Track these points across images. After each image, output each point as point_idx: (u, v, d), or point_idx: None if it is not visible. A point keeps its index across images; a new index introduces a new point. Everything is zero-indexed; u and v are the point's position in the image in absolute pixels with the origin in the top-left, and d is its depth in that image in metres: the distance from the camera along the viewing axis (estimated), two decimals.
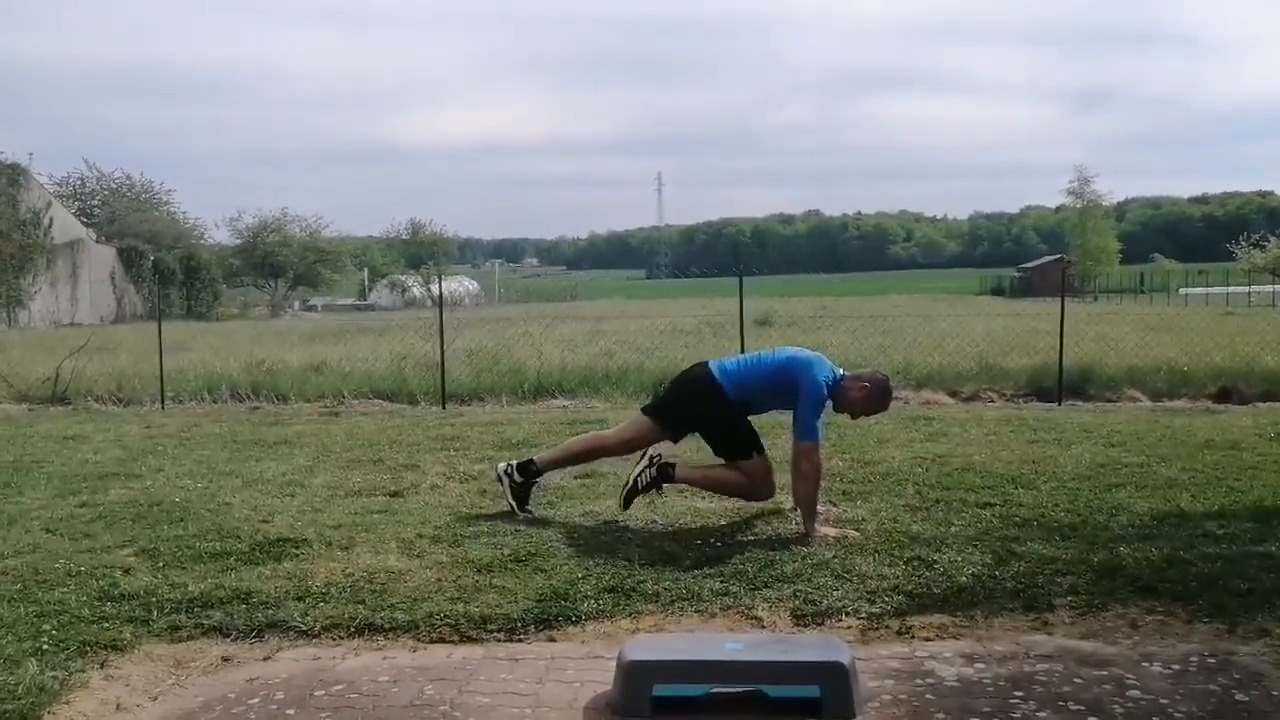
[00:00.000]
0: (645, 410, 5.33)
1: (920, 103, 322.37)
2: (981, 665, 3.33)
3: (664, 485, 5.14)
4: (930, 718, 2.98)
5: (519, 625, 3.70)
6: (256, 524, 5.05)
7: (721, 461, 5.12)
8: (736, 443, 5.05)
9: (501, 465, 5.33)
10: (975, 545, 4.50)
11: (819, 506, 4.87)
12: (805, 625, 3.71)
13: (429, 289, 49.53)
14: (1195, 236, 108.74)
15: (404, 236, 71.85)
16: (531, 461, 5.29)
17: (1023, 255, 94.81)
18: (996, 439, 7.27)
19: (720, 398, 4.98)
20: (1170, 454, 6.57)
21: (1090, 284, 53.42)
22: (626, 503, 5.09)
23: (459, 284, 57.05)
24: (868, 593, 3.95)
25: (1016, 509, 5.14)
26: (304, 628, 3.69)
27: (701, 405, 5.05)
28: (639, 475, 5.07)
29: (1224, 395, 10.03)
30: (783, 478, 5.50)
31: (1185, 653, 3.40)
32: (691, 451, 5.53)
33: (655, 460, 5.09)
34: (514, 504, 5.15)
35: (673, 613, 3.82)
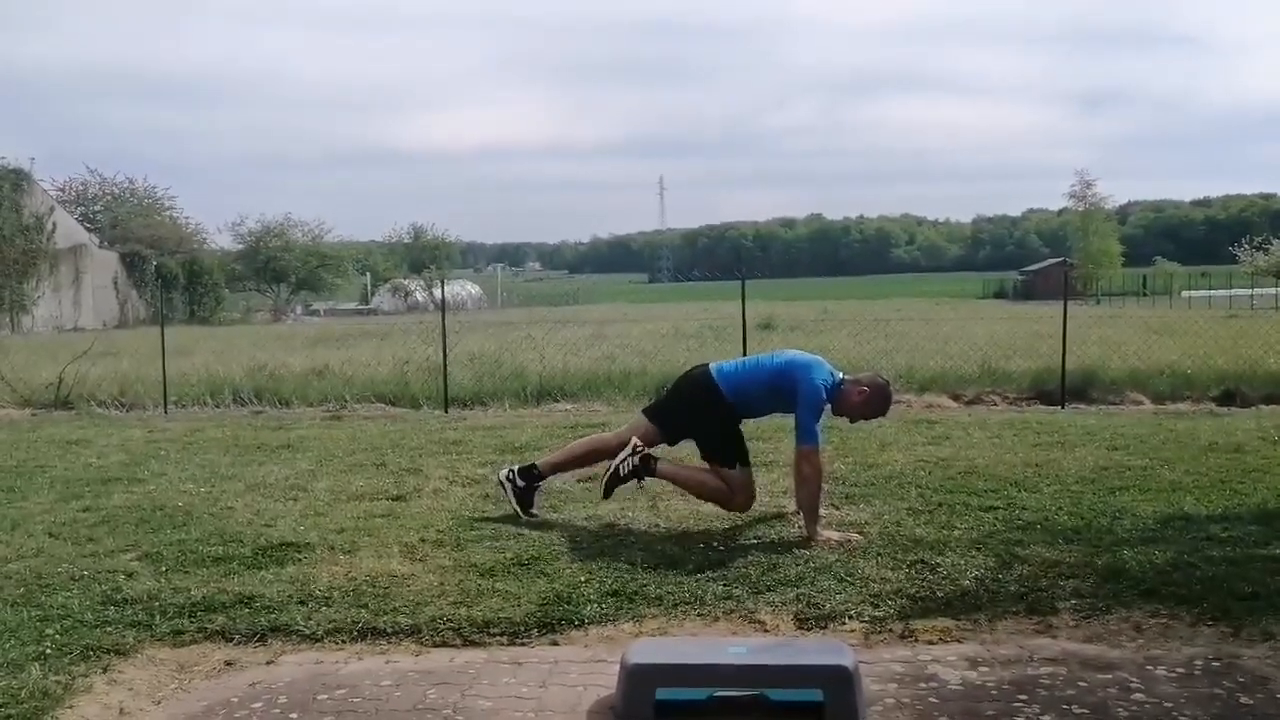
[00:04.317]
0: (645, 412, 5.36)
1: (923, 106, 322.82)
2: (985, 669, 3.32)
3: (645, 477, 5.09)
4: None
5: (522, 629, 3.70)
6: (259, 528, 5.05)
7: (705, 466, 5.11)
8: (724, 449, 5.03)
9: (504, 471, 5.34)
10: (978, 548, 4.50)
11: (821, 510, 4.87)
12: (808, 629, 3.71)
13: (431, 293, 49.56)
14: (1197, 239, 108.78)
15: (406, 241, 71.86)
16: (534, 466, 5.30)
17: (1025, 258, 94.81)
18: (999, 442, 7.26)
19: (718, 400, 4.98)
20: (1174, 457, 6.56)
21: (1092, 287, 53.38)
22: (608, 491, 5.07)
23: (461, 288, 57.09)
24: (871, 596, 3.94)
25: (1020, 512, 5.13)
26: (306, 632, 3.69)
27: (699, 406, 5.05)
28: (621, 463, 5.03)
29: (1227, 398, 10.02)
30: (786, 482, 5.49)
31: (1190, 656, 3.39)
32: (688, 456, 5.52)
33: (638, 450, 5.06)
34: (518, 509, 5.16)
35: (675, 616, 3.81)
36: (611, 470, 5.05)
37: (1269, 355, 11.60)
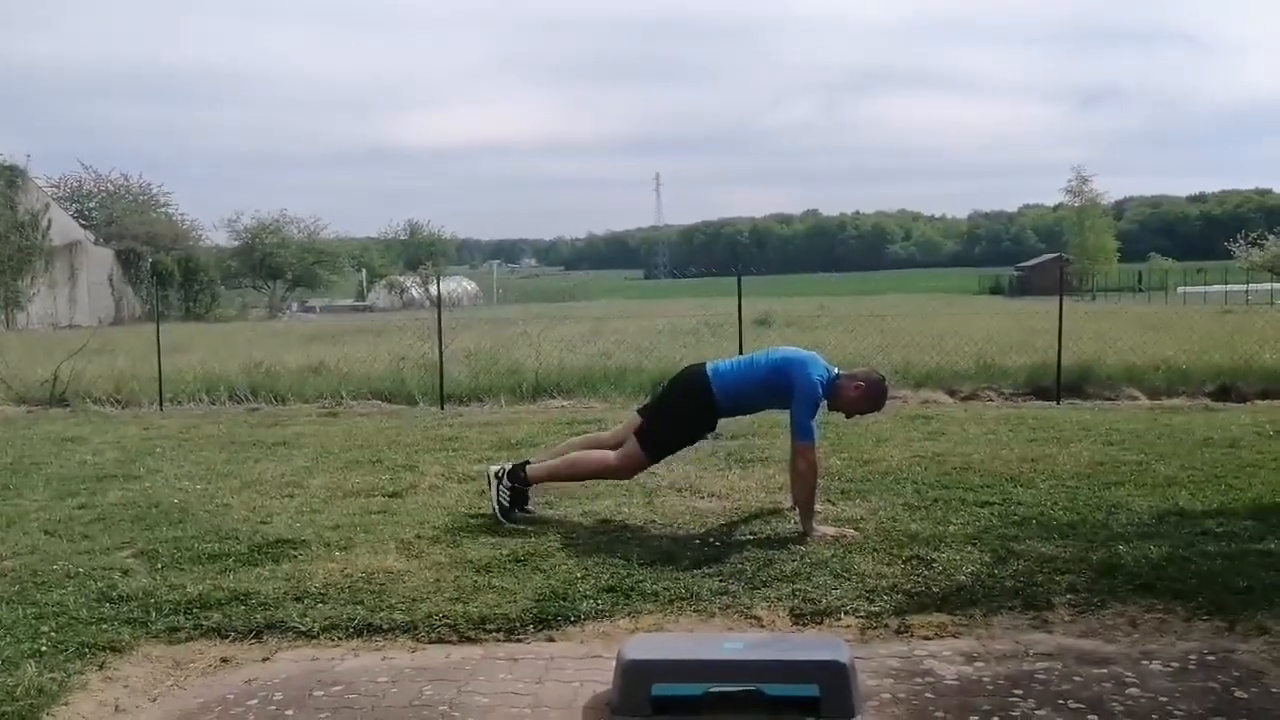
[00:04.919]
0: (641, 411, 5.34)
1: (918, 102, 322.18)
2: (981, 664, 3.33)
3: (526, 490, 5.08)
4: (930, 716, 2.98)
5: (518, 625, 3.70)
6: (255, 525, 5.05)
7: (574, 447, 5.24)
8: (665, 439, 5.06)
9: (494, 468, 5.26)
10: (974, 544, 4.50)
11: (817, 505, 4.87)
12: (804, 624, 3.71)
13: (427, 290, 49.52)
14: (1193, 235, 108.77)
15: (402, 237, 71.92)
16: (527, 464, 5.25)
17: (1021, 254, 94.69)
18: (995, 438, 7.27)
19: (707, 401, 4.98)
20: (1169, 452, 6.57)
21: (1088, 283, 53.41)
22: (507, 519, 5.03)
23: (457, 285, 57.06)
24: (866, 591, 3.95)
25: (1015, 507, 5.14)
26: (302, 628, 3.69)
27: (686, 401, 5.06)
28: (497, 497, 5.02)
29: (1222, 393, 10.04)
30: (781, 478, 5.50)
31: (1185, 650, 3.40)
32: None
33: (501, 474, 5.05)
34: (513, 506, 5.13)
35: (671, 612, 3.82)
36: (496, 511, 5.01)
37: (1264, 350, 11.62)
